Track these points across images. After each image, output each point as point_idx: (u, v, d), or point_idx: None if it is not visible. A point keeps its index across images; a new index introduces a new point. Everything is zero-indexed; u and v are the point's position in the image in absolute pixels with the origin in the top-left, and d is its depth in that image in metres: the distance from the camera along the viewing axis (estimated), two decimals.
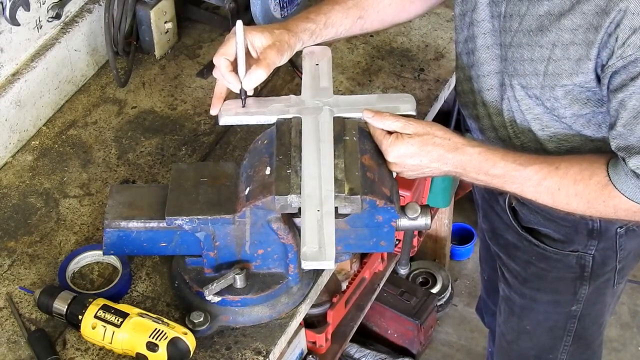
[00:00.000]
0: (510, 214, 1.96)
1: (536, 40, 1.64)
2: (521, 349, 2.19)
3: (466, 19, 1.81)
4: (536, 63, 1.66)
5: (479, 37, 1.78)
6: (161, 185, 1.88)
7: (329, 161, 1.67)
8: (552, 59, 1.63)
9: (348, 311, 2.62)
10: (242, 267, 1.77)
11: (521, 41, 1.67)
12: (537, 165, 1.67)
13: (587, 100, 1.67)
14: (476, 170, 1.70)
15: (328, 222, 1.60)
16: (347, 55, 2.37)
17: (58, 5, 2.14)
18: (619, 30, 1.52)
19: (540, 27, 1.63)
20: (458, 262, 3.33)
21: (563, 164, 1.67)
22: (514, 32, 1.68)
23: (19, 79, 2.09)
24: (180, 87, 2.31)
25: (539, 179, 1.67)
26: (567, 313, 2.05)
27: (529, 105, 1.74)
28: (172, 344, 1.68)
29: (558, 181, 1.66)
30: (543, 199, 1.70)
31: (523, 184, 1.69)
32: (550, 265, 1.97)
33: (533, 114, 1.75)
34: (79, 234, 1.97)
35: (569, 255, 1.94)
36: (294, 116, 1.77)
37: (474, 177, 1.72)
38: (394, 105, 1.79)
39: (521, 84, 1.71)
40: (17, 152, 2.13)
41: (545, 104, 1.71)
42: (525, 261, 2.01)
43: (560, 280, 1.99)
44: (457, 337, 3.13)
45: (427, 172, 1.72)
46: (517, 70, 1.70)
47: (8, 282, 1.88)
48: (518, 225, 1.96)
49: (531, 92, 1.71)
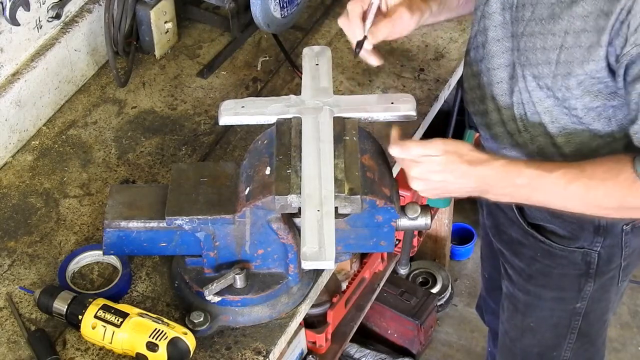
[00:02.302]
0: (516, 210, 1.95)
1: (548, 29, 1.63)
2: (525, 346, 2.18)
3: (478, 13, 1.81)
4: (548, 51, 1.65)
5: (490, 29, 1.78)
6: (161, 185, 1.88)
7: (329, 161, 1.67)
8: (564, 47, 1.62)
9: (348, 311, 2.62)
10: (242, 267, 1.77)
11: (533, 30, 1.66)
12: (562, 170, 1.64)
13: (598, 92, 1.66)
14: (501, 183, 1.66)
15: (328, 222, 1.60)
16: (347, 55, 2.37)
17: (58, 5, 2.14)
18: (631, 16, 1.51)
19: (552, 15, 1.62)
20: (458, 262, 3.33)
21: (588, 166, 1.63)
22: (526, 21, 1.68)
23: (19, 79, 2.09)
24: (180, 87, 2.31)
25: (565, 184, 1.63)
26: (571, 310, 2.04)
27: (540, 97, 1.73)
28: (172, 344, 1.68)
29: (586, 182, 1.62)
30: (572, 204, 1.66)
31: (550, 191, 1.65)
32: (556, 262, 1.97)
33: (544, 106, 1.74)
34: (79, 234, 1.97)
35: (574, 252, 1.93)
36: (294, 116, 1.77)
37: (499, 193, 1.68)
38: (394, 105, 1.79)
39: (533, 74, 1.70)
40: (17, 152, 2.13)
41: (556, 94, 1.70)
42: (530, 258, 2.00)
43: (565, 277, 1.99)
44: (457, 337, 3.13)
45: (450, 190, 1.69)
46: (529, 60, 1.70)
47: (8, 282, 1.88)
48: (524, 221, 1.95)
49: (543, 83, 1.70)
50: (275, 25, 2.27)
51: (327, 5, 2.52)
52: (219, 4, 2.36)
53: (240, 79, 2.33)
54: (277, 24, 2.28)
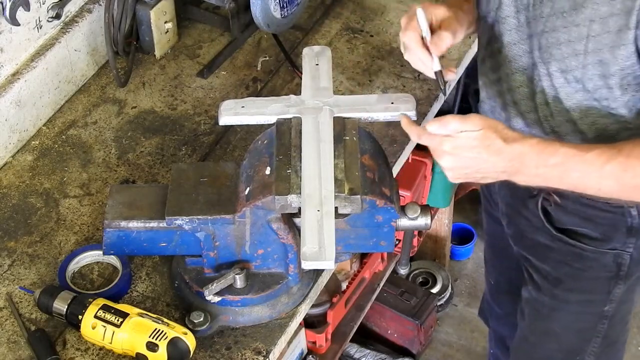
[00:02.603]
0: (543, 216, 1.91)
1: (571, 20, 1.62)
2: (547, 351, 2.14)
3: (488, 20, 1.79)
4: (574, 43, 1.63)
5: (504, 34, 1.76)
6: (161, 185, 1.88)
7: (329, 161, 1.67)
8: (590, 36, 1.60)
9: (348, 311, 2.62)
10: (242, 267, 1.77)
11: (555, 25, 1.64)
12: (598, 150, 1.59)
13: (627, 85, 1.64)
14: (535, 161, 1.60)
15: (328, 222, 1.60)
16: (347, 55, 2.37)
17: (58, 5, 2.14)
18: None
19: (574, 6, 1.61)
20: (458, 262, 3.33)
21: (626, 146, 1.59)
22: (545, 17, 1.66)
23: (19, 79, 2.09)
24: (180, 87, 2.31)
25: (601, 163, 1.57)
26: (599, 313, 2.01)
27: (568, 92, 1.70)
28: (172, 344, 1.68)
29: (623, 162, 1.57)
30: (607, 185, 1.61)
31: (585, 170, 1.60)
32: (586, 265, 1.93)
33: (573, 101, 1.71)
34: (79, 234, 1.97)
35: (606, 254, 1.90)
36: (294, 116, 1.77)
37: (531, 173, 1.62)
38: (394, 105, 1.79)
39: (561, 68, 1.68)
40: (17, 152, 2.13)
41: (587, 85, 1.67)
42: (559, 262, 1.96)
43: (596, 279, 1.95)
44: (457, 337, 3.13)
45: (480, 168, 1.61)
46: (553, 56, 1.67)
47: (8, 282, 1.88)
48: (552, 227, 1.91)
49: (571, 76, 1.67)
50: (275, 25, 2.27)
51: (327, 5, 2.52)
52: (219, 4, 2.36)
53: (240, 79, 2.33)
54: (277, 24, 2.28)
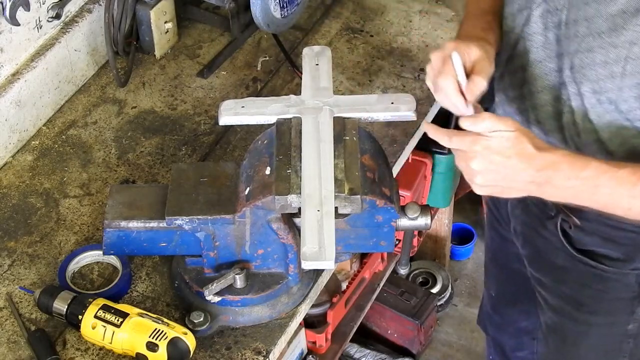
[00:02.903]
0: (562, 237, 1.86)
1: (609, 42, 1.56)
2: None
3: (512, 36, 1.74)
4: (611, 65, 1.57)
5: (530, 51, 1.71)
6: (161, 185, 1.88)
7: (329, 161, 1.67)
8: (629, 58, 1.55)
9: (348, 311, 2.62)
10: (242, 267, 1.77)
11: (591, 45, 1.58)
12: (630, 168, 1.54)
13: None
14: (566, 172, 1.54)
15: (328, 222, 1.60)
16: (347, 55, 2.37)
17: (58, 5, 2.14)
18: None
19: (613, 27, 1.55)
20: (458, 262, 3.33)
21: None
22: (581, 37, 1.60)
23: (19, 79, 2.09)
24: (180, 87, 2.31)
25: (635, 180, 1.53)
26: (623, 333, 1.96)
27: (599, 112, 1.64)
28: (172, 344, 1.68)
29: None
30: (638, 205, 1.56)
31: (616, 187, 1.55)
32: (607, 286, 1.88)
33: (603, 121, 1.65)
34: (79, 234, 1.97)
35: (628, 275, 1.85)
36: (294, 116, 1.77)
37: (561, 185, 1.56)
38: (394, 105, 1.79)
39: (594, 89, 1.62)
40: (17, 152, 2.13)
41: (620, 107, 1.61)
42: (579, 284, 1.92)
43: (618, 300, 1.91)
44: (457, 337, 3.13)
45: (508, 176, 1.54)
46: (587, 76, 1.61)
47: (8, 282, 1.88)
48: (572, 247, 1.86)
49: (605, 97, 1.61)
50: (275, 25, 2.27)
51: (327, 5, 2.52)
52: (219, 4, 2.36)
53: (240, 79, 2.33)
54: (277, 24, 2.28)
